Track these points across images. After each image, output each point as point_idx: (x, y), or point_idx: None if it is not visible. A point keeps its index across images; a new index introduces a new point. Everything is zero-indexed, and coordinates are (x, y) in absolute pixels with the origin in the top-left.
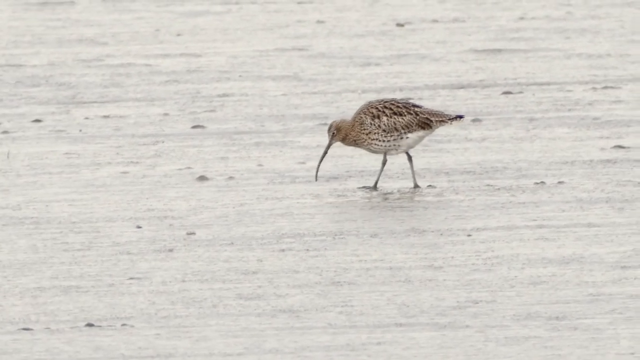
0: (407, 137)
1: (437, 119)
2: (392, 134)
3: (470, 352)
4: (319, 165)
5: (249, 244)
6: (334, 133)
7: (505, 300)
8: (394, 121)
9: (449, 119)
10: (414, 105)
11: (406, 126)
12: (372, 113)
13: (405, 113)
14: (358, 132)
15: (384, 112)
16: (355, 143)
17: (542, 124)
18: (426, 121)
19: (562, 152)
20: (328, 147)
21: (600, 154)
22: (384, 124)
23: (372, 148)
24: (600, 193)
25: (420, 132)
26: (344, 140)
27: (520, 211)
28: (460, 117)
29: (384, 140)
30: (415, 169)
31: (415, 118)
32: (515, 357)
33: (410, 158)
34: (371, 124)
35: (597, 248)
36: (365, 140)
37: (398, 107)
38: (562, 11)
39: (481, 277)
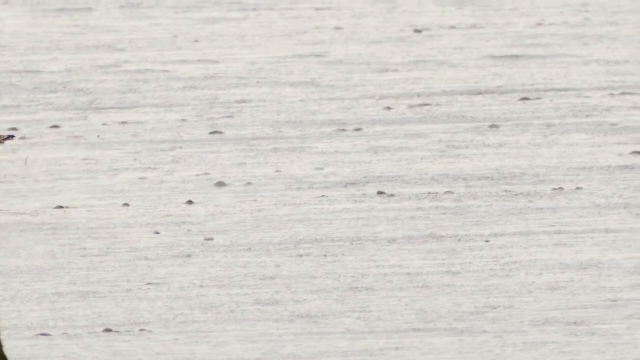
0: None
1: None
2: None
3: (488, 357)
4: None
5: (267, 249)
6: None
7: (523, 305)
8: None
9: (3, 139)
10: None
11: None
12: None
13: None
14: None
15: None
16: None
17: (560, 130)
18: None
19: (579, 157)
20: None
21: (618, 159)
22: None
23: None
24: (618, 199)
25: None
26: None
27: (538, 217)
28: (11, 136)
29: None
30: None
31: None
32: None
33: None
34: None
35: (615, 253)
36: None
37: None
38: (580, 17)
39: (499, 283)
